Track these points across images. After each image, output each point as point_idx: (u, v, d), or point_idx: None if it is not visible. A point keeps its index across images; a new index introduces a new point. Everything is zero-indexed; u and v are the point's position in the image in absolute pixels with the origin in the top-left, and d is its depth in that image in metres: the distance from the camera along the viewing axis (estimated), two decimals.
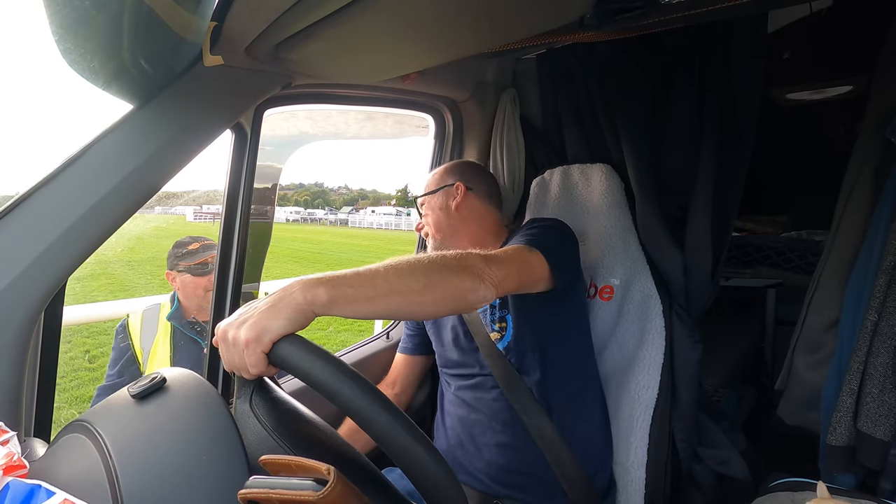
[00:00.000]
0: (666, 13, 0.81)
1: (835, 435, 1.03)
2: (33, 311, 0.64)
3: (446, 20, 0.74)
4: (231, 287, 1.01)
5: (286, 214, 54.30)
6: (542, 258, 0.88)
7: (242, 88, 0.84)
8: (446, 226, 1.13)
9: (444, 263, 0.71)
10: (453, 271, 0.71)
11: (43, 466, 0.47)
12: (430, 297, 0.67)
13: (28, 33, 24.32)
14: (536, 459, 0.97)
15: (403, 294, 0.64)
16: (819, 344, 1.10)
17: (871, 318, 1.00)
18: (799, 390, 1.13)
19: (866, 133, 1.05)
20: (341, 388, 0.47)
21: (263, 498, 0.39)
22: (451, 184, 1.14)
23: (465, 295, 0.72)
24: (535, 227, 0.99)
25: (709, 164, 1.07)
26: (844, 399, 1.02)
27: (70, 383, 3.99)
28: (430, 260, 0.70)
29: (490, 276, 0.74)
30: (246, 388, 0.57)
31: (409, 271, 0.66)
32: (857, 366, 1.01)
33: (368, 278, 0.62)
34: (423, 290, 0.66)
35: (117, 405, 0.50)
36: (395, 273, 0.65)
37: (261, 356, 0.52)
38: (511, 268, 0.81)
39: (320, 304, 0.56)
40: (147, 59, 0.64)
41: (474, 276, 0.73)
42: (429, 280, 0.67)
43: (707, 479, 1.10)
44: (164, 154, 0.74)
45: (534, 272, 0.88)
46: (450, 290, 0.70)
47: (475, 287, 0.72)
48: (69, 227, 0.66)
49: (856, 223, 1.06)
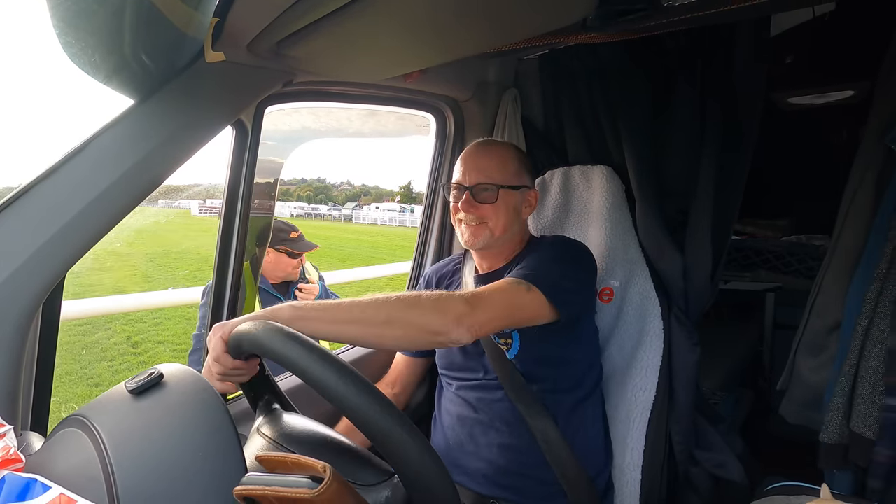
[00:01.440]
0: (669, 15, 0.81)
1: (827, 433, 1.06)
2: (31, 304, 0.64)
3: (449, 19, 0.74)
4: (230, 282, 1.01)
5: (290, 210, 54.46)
6: (539, 296, 0.86)
7: (244, 85, 0.84)
8: (510, 229, 1.03)
9: (416, 304, 0.75)
10: (422, 312, 0.74)
11: (39, 460, 0.47)
12: (391, 333, 0.73)
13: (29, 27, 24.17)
14: (537, 461, 0.96)
15: (363, 325, 0.71)
16: (821, 347, 1.11)
17: (862, 322, 1.02)
18: (801, 391, 1.14)
19: (869, 139, 1.05)
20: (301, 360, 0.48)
21: (259, 495, 0.39)
22: (529, 187, 1.06)
23: (431, 336, 0.76)
24: (549, 258, 0.95)
25: (710, 167, 1.07)
26: (836, 400, 1.05)
27: (120, 366, 4.49)
28: (400, 299, 0.74)
29: (469, 322, 0.76)
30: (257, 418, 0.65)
31: (372, 306, 0.72)
32: (848, 368, 1.03)
33: (334, 307, 0.71)
34: (383, 324, 0.72)
35: (114, 400, 0.50)
36: (360, 307, 0.71)
37: (218, 340, 0.61)
38: (498, 311, 0.82)
39: (283, 318, 0.64)
40: (149, 54, 0.64)
41: (449, 319, 0.75)
42: (390, 317, 0.72)
43: (703, 481, 1.10)
44: (165, 149, 0.73)
45: (527, 313, 0.87)
46: (413, 330, 0.74)
47: (445, 330, 0.75)
48: (68, 221, 0.66)
49: (857, 229, 1.06)
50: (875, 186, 1.04)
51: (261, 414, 0.65)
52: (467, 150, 1.07)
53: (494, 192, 1.00)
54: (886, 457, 0.99)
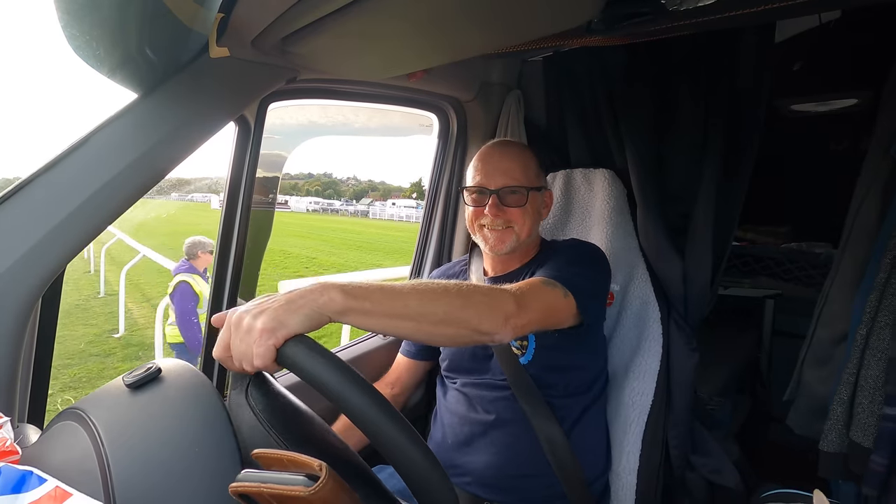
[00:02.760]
0: (674, 20, 0.81)
1: (826, 442, 1.06)
2: (31, 297, 0.64)
3: (454, 20, 0.74)
4: (230, 277, 1.01)
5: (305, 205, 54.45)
6: (572, 302, 0.85)
7: (247, 81, 0.84)
8: (534, 231, 1.03)
9: (472, 300, 0.69)
10: (478, 311, 0.69)
11: (35, 453, 0.47)
12: (444, 331, 0.67)
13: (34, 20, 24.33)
14: (537, 462, 0.96)
15: (418, 322, 0.64)
16: (828, 358, 1.11)
17: (861, 332, 1.02)
18: (808, 401, 1.14)
19: (874, 152, 1.06)
20: (349, 395, 0.47)
21: (255, 492, 0.39)
22: (546, 187, 1.07)
23: (479, 337, 0.71)
24: (574, 262, 0.94)
25: (712, 172, 1.07)
26: (836, 409, 1.05)
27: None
28: (458, 292, 0.68)
29: (515, 323, 0.73)
30: (242, 380, 0.56)
31: (431, 300, 0.65)
32: (848, 377, 1.04)
33: (389, 296, 0.62)
34: (440, 322, 0.65)
35: (112, 394, 0.50)
36: (417, 298, 0.64)
37: (271, 348, 0.51)
38: (538, 314, 0.79)
39: (334, 311, 0.56)
40: (153, 48, 0.64)
41: (499, 320, 0.71)
42: (448, 314, 0.66)
43: (699, 487, 1.10)
44: (168, 143, 0.73)
45: (560, 317, 0.85)
46: (466, 330, 0.69)
47: (495, 331, 0.71)
48: (70, 213, 0.66)
49: (863, 240, 1.07)
50: (881, 198, 1.04)
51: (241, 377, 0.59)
52: (485, 152, 1.05)
53: (524, 194, 0.98)
54: (882, 465, 0.99)
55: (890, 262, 1.00)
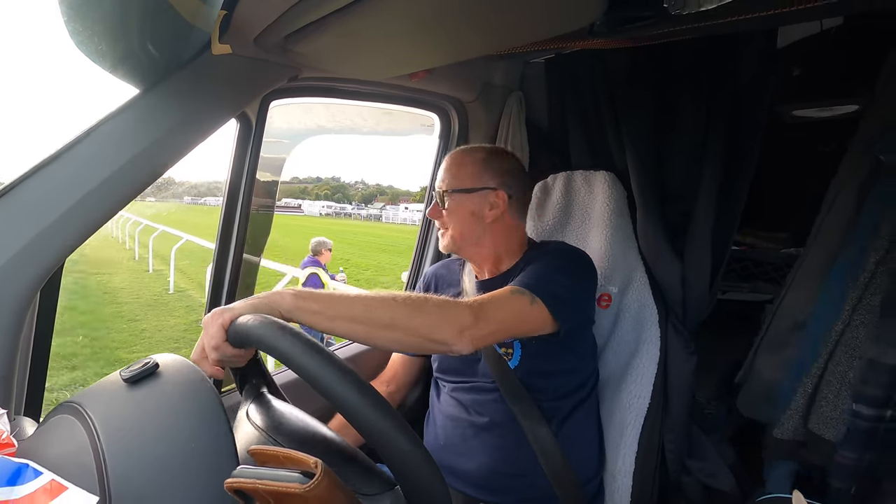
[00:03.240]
0: (676, 24, 0.81)
1: (781, 429, 1.09)
2: (29, 290, 0.64)
3: (456, 20, 0.74)
4: (228, 276, 1.01)
5: (318, 209, 54.41)
6: (543, 309, 0.84)
7: (249, 78, 0.84)
8: (471, 234, 1.01)
9: (422, 309, 0.72)
10: (425, 319, 0.72)
11: (31, 446, 0.47)
12: (391, 335, 0.71)
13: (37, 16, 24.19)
14: (528, 463, 0.96)
15: (364, 324, 0.68)
16: (782, 345, 1.13)
17: (837, 328, 1.04)
18: (757, 386, 1.16)
19: (855, 148, 1.07)
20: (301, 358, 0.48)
21: (250, 488, 0.39)
22: (493, 188, 1.00)
23: (432, 345, 0.75)
24: (552, 267, 0.92)
25: (712, 176, 1.07)
26: (798, 400, 1.07)
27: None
28: (407, 301, 0.71)
29: (472, 334, 0.74)
30: (245, 401, 0.62)
31: (379, 306, 0.70)
32: (816, 370, 1.06)
33: (338, 301, 0.68)
34: (385, 327, 0.69)
35: (108, 388, 0.50)
36: (364, 303, 0.69)
37: (219, 329, 0.58)
38: (501, 324, 0.80)
39: (284, 308, 0.63)
40: (155, 43, 0.64)
41: (453, 330, 0.73)
42: (394, 320, 0.70)
43: (694, 491, 1.10)
44: (168, 139, 0.73)
45: (530, 325, 0.86)
46: (414, 337, 0.72)
47: (447, 341, 0.73)
48: (69, 208, 0.66)
49: (834, 234, 1.08)
50: (856, 194, 1.05)
51: (248, 397, 0.65)
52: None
53: (442, 198, 1.03)
54: (851, 459, 1.01)
55: (875, 263, 1.01)
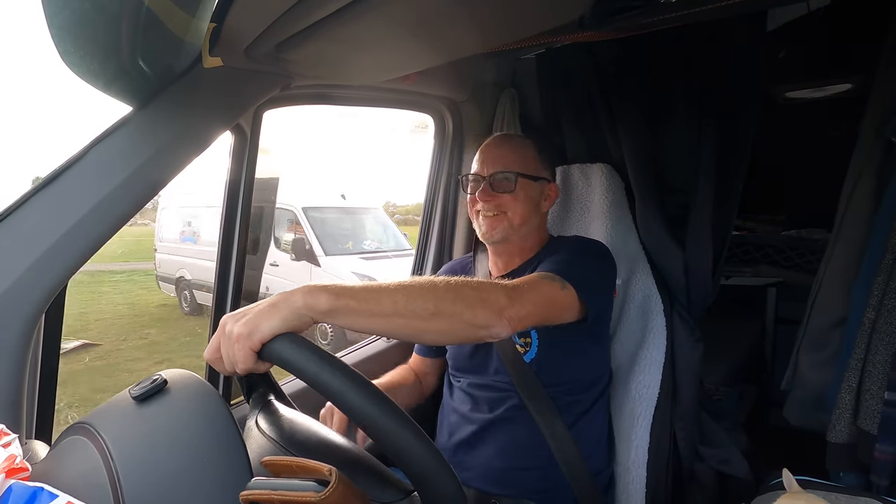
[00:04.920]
0: (664, 12, 0.81)
1: (834, 432, 1.03)
2: (34, 312, 0.64)
3: (446, 20, 0.74)
4: (232, 288, 1.01)
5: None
6: (574, 294, 0.84)
7: (242, 90, 0.84)
8: (530, 221, 1.02)
9: (461, 294, 0.68)
10: (469, 304, 0.68)
11: (45, 469, 0.47)
12: (436, 326, 0.65)
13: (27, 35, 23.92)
14: (543, 458, 0.96)
15: (407, 318, 0.63)
16: (824, 343, 1.10)
17: (869, 315, 1.00)
18: (804, 391, 1.12)
19: (867, 134, 1.05)
20: (335, 383, 0.47)
21: (265, 499, 0.39)
22: (549, 180, 1.05)
23: (475, 331, 0.70)
24: (576, 255, 0.94)
25: (708, 162, 1.07)
26: (844, 396, 1.02)
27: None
28: (447, 286, 0.67)
29: (510, 315, 0.71)
30: (253, 410, 0.61)
31: (420, 295, 0.64)
32: (856, 363, 1.01)
33: (375, 294, 0.61)
34: (430, 317, 0.64)
35: (118, 407, 0.50)
36: (404, 294, 0.63)
37: (249, 353, 0.52)
38: (536, 307, 0.78)
39: (319, 311, 0.56)
40: (146, 60, 0.64)
41: (492, 312, 0.69)
42: (438, 309, 0.64)
43: (708, 478, 1.10)
44: (164, 155, 0.73)
45: (561, 310, 0.84)
46: (459, 324, 0.67)
47: (489, 324, 0.69)
48: (70, 228, 0.66)
49: (858, 224, 1.06)
50: (875, 179, 1.03)
51: (256, 406, 0.63)
52: (485, 143, 1.07)
53: (513, 180, 0.99)
54: (888, 453, 0.96)
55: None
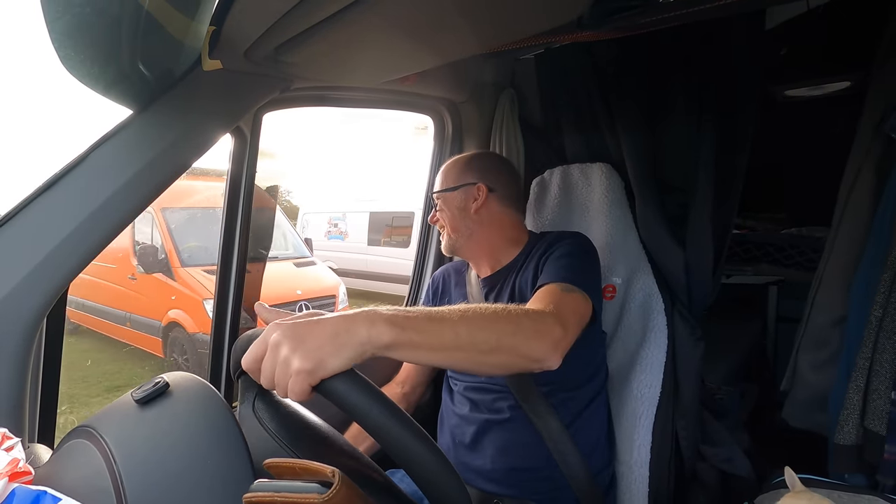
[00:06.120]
0: (662, 12, 0.81)
1: (842, 433, 1.01)
2: (36, 317, 0.64)
3: (444, 21, 0.74)
4: (233, 291, 1.01)
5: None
6: (588, 301, 0.85)
7: (242, 92, 0.84)
8: (463, 228, 1.07)
9: (521, 325, 0.66)
10: (527, 336, 0.66)
11: (48, 472, 0.47)
12: (495, 360, 0.64)
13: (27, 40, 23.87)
14: (542, 458, 0.96)
15: (468, 352, 0.60)
16: (825, 342, 1.09)
17: (876, 313, 0.99)
18: (804, 391, 1.11)
19: (865, 130, 1.05)
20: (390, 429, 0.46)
21: (268, 501, 0.39)
22: (473, 183, 1.08)
23: (529, 364, 0.67)
24: (575, 256, 0.94)
25: (708, 158, 1.07)
26: (852, 396, 1.00)
27: None
28: (508, 317, 0.65)
29: (564, 347, 0.70)
30: (249, 393, 0.57)
31: (481, 327, 0.61)
32: (863, 362, 1.00)
33: (438, 325, 0.58)
34: (491, 351, 0.62)
35: (121, 410, 0.50)
36: (466, 326, 0.60)
37: (307, 388, 0.48)
38: (577, 328, 0.78)
39: (380, 346, 0.53)
40: (146, 64, 0.64)
41: (549, 346, 0.68)
42: (500, 343, 0.62)
43: (711, 477, 1.10)
44: (164, 159, 0.74)
45: (585, 320, 0.84)
46: (517, 358, 0.66)
47: (545, 357, 0.68)
48: (70, 232, 0.66)
49: (858, 221, 1.05)
50: (874, 176, 1.03)
51: (249, 389, 0.59)
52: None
53: (436, 200, 1.11)
54: (894, 454, 0.95)
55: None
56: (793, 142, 2.27)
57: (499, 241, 1.08)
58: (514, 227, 1.10)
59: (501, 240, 1.08)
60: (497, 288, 1.06)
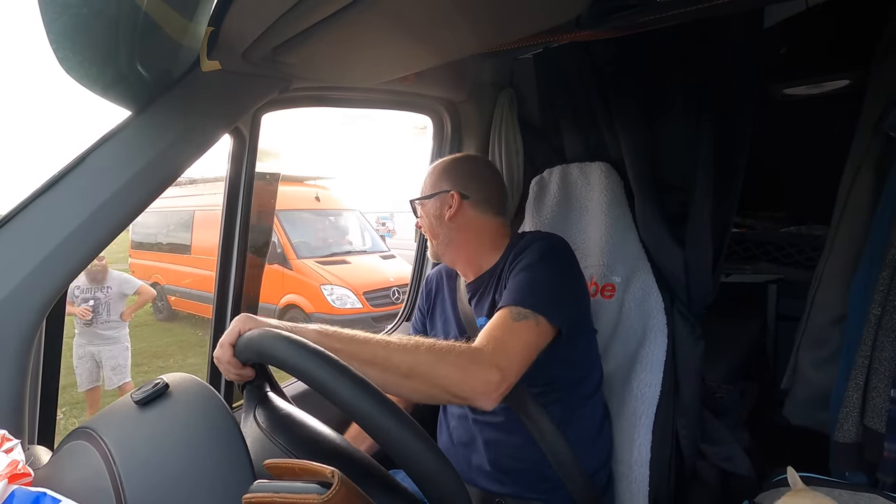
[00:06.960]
0: (661, 11, 0.81)
1: (842, 431, 1.01)
2: (35, 318, 0.64)
3: (443, 21, 0.74)
4: (232, 291, 1.01)
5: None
6: (546, 323, 0.83)
7: (240, 93, 0.84)
8: (441, 235, 1.07)
9: (445, 358, 0.70)
10: (448, 371, 0.70)
11: (47, 474, 0.47)
12: (413, 385, 0.70)
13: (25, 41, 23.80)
14: (537, 458, 0.96)
15: (383, 371, 0.67)
16: (824, 341, 1.08)
17: (875, 311, 0.99)
18: (805, 389, 1.11)
19: (864, 128, 1.05)
20: (390, 429, 0.47)
21: (268, 502, 0.39)
22: (447, 191, 1.06)
23: (452, 399, 0.73)
24: (534, 269, 0.90)
25: (706, 156, 1.07)
26: (851, 394, 1.00)
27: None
28: (433, 349, 0.70)
29: (499, 393, 0.72)
30: (250, 404, 0.61)
31: (400, 351, 0.68)
32: (862, 360, 1.00)
33: (359, 342, 0.69)
34: (405, 376, 0.68)
35: (120, 412, 0.50)
36: (384, 347, 0.68)
37: (227, 347, 0.60)
38: (522, 363, 0.78)
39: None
40: (145, 65, 0.64)
41: (477, 389, 0.71)
42: (413, 369, 0.68)
43: (711, 475, 1.10)
44: (163, 160, 0.74)
45: (541, 346, 0.83)
46: (438, 390, 0.71)
47: (474, 398, 0.71)
48: (69, 233, 0.66)
49: (857, 219, 1.05)
50: (874, 175, 1.03)
51: (252, 398, 0.63)
52: None
53: (416, 208, 1.12)
54: (894, 452, 0.94)
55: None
56: (792, 140, 2.27)
57: (477, 247, 1.06)
58: (493, 231, 1.07)
59: (480, 245, 1.06)
60: (480, 292, 1.05)
